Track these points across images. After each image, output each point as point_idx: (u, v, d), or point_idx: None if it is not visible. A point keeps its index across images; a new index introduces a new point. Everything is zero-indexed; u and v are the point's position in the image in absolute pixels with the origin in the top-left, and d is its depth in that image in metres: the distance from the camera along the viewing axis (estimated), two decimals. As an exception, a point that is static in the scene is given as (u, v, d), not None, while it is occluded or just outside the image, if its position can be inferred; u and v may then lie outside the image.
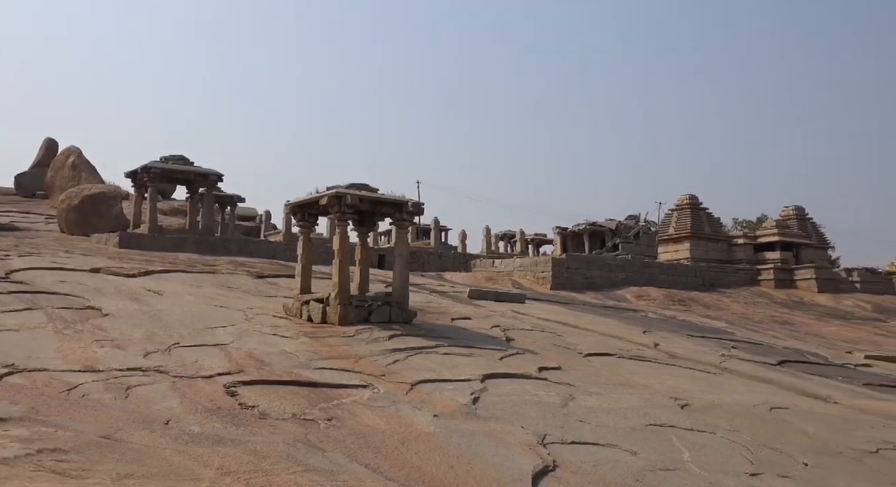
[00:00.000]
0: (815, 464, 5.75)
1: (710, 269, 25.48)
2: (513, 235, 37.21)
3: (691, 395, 7.82)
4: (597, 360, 9.57)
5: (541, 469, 4.69)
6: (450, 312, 12.46)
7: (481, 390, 6.87)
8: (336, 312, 9.96)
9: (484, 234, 34.08)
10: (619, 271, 22.44)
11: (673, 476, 5.02)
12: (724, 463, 5.48)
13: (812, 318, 19.00)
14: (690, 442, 5.93)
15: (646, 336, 12.38)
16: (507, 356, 8.91)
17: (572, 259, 22.03)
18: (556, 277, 20.57)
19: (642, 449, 5.53)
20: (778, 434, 6.58)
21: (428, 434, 5.18)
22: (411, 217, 11.03)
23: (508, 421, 5.87)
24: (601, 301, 18.40)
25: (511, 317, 12.79)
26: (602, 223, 27.81)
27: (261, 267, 16.50)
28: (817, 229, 31.63)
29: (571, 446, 5.41)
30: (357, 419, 5.39)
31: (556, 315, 13.93)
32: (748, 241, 28.68)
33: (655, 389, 8.00)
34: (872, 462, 6.05)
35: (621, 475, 4.86)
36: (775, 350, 12.59)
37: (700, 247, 27.77)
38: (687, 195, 29.28)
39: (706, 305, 19.71)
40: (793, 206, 31.42)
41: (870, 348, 14.04)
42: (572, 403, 6.82)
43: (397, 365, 7.61)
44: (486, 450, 4.98)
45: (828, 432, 6.85)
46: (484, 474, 4.45)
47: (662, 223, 30.99)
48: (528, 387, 7.33)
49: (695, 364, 10.12)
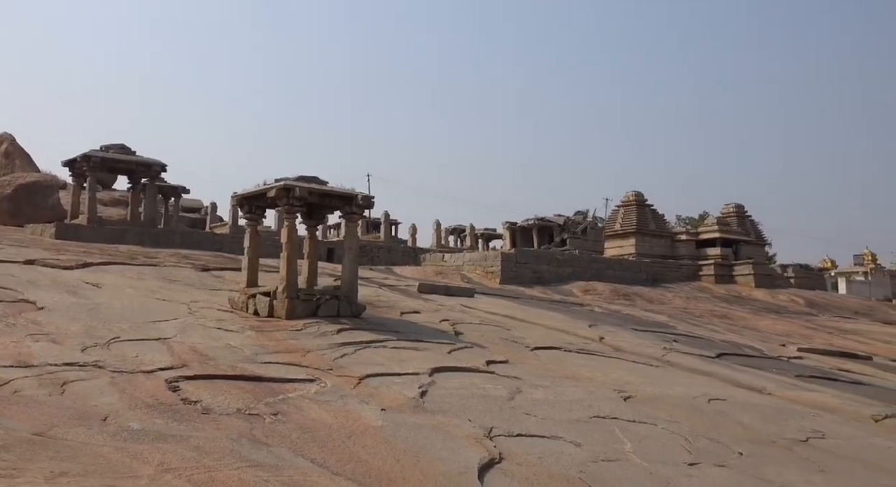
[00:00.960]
0: (749, 453, 5.97)
1: (654, 265, 26.09)
2: (463, 230, 37.34)
3: (634, 388, 8.00)
4: (544, 354, 9.70)
5: (487, 462, 4.74)
6: (399, 306, 12.44)
7: (429, 384, 6.89)
8: (283, 306, 9.83)
9: (434, 229, 34.11)
10: (567, 266, 22.76)
11: (615, 466, 5.14)
12: (663, 454, 5.64)
13: (749, 312, 19.67)
14: (632, 434, 6.08)
15: (591, 330, 12.61)
16: (456, 350, 8.96)
17: (521, 254, 22.25)
18: (505, 272, 20.74)
19: (586, 441, 5.65)
20: (715, 425, 6.80)
21: (375, 428, 5.17)
22: (361, 210, 10.96)
23: (456, 415, 5.90)
24: (549, 295, 18.64)
25: (460, 311, 12.85)
26: (551, 218, 28.17)
27: (206, 259, 16.14)
28: (756, 226, 32.74)
29: (517, 438, 5.48)
30: (303, 413, 5.34)
31: (504, 309, 14.05)
32: (690, 238, 29.49)
33: (600, 382, 8.16)
34: (802, 450, 6.32)
35: (565, 466, 4.95)
36: (714, 343, 12.99)
37: (645, 243, 28.41)
38: (633, 192, 29.90)
39: (650, 300, 20.19)
40: (733, 204, 32.43)
41: (802, 341, 14.63)
42: (519, 396, 6.90)
43: (345, 359, 7.57)
44: (433, 444, 5.00)
45: (762, 422, 7.11)
46: (431, 467, 4.47)
47: (609, 219, 31.60)
48: (475, 381, 7.39)
49: (638, 357, 10.36)
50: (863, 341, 16.20)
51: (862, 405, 8.66)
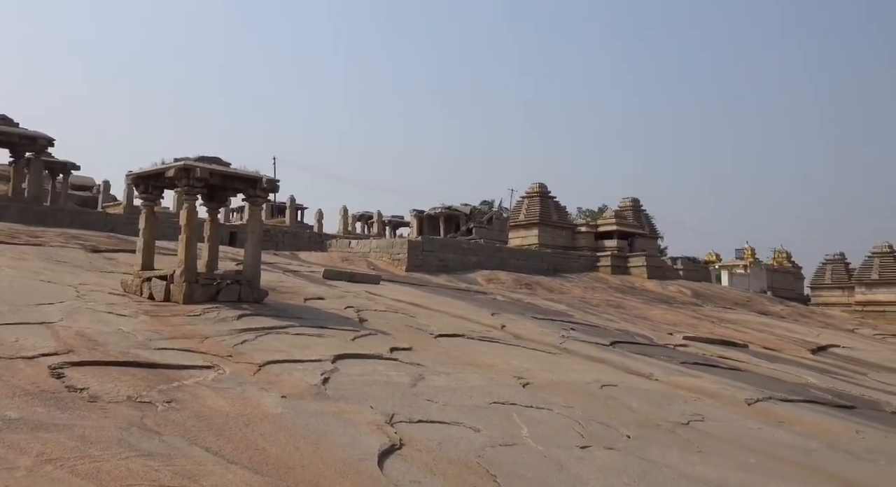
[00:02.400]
0: (636, 436, 6.32)
1: (555, 255, 26.91)
2: (370, 216, 37.11)
3: (533, 374, 8.27)
4: (447, 341, 9.84)
5: (388, 448, 4.78)
6: (303, 292, 12.26)
7: (332, 370, 6.86)
8: (181, 290, 9.47)
9: (341, 214, 33.73)
10: (472, 255, 23.10)
11: (512, 450, 5.32)
12: (558, 438, 5.88)
13: (641, 302, 20.68)
14: (529, 419, 6.30)
15: (494, 318, 12.89)
16: (360, 336, 8.94)
17: (428, 242, 22.38)
18: (411, 259, 20.79)
19: (485, 426, 5.80)
20: (607, 410, 7.15)
21: (275, 416, 5.10)
22: (266, 194, 10.70)
23: (358, 402, 5.91)
24: (454, 283, 18.87)
25: (365, 298, 12.81)
26: (458, 207, 28.49)
27: (97, 240, 15.28)
28: (650, 220, 34.35)
29: (418, 425, 5.55)
30: (199, 401, 5.19)
31: (409, 296, 14.12)
32: (590, 229, 30.59)
33: (500, 369, 8.38)
34: (684, 432, 6.75)
35: (464, 451, 5.07)
36: (609, 331, 13.59)
37: (547, 234, 29.22)
38: (537, 184, 30.63)
39: (550, 289, 20.83)
40: (630, 198, 33.84)
41: (688, 330, 15.55)
42: (421, 383, 6.98)
43: (246, 346, 7.40)
44: (333, 431, 4.99)
45: (649, 406, 7.53)
46: (331, 454, 4.47)
47: (514, 209, 32.26)
48: (379, 368, 7.41)
49: (537, 344, 10.70)
50: (741, 330, 17.40)
51: (737, 390, 9.33)
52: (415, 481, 4.36)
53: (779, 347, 15.19)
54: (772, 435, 7.24)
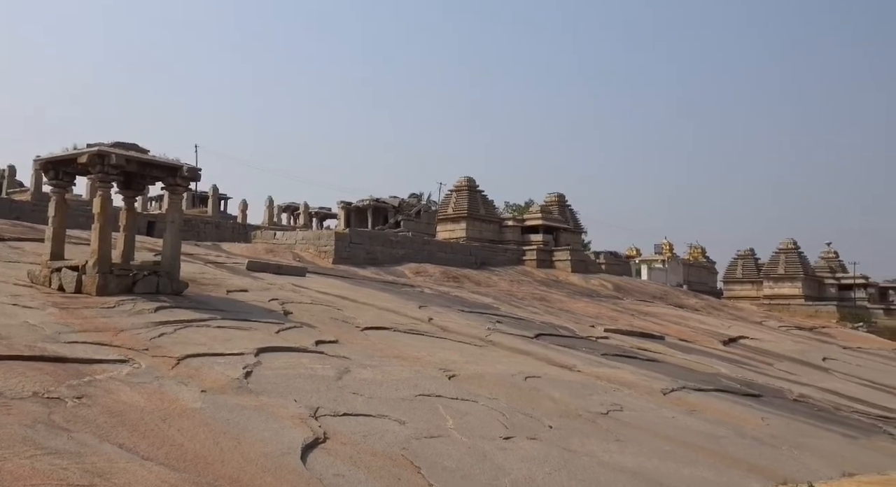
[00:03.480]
0: (558, 426, 6.47)
1: (482, 249, 27.19)
2: (296, 208, 36.46)
3: (458, 367, 8.34)
4: (373, 334, 9.80)
5: (311, 442, 4.72)
6: (226, 284, 11.94)
7: (255, 364, 6.71)
8: (94, 281, 9.05)
9: (266, 205, 33.00)
10: (400, 248, 23.05)
11: (437, 442, 5.35)
12: (482, 429, 5.95)
13: (565, 296, 21.17)
14: (455, 411, 6.35)
15: (421, 310, 12.92)
16: (284, 329, 8.79)
17: (355, 234, 22.19)
18: (338, 251, 20.57)
19: (411, 419, 5.81)
20: (530, 401, 7.29)
21: (193, 410, 4.95)
22: (186, 182, 10.34)
23: (281, 395, 5.81)
24: (381, 276, 18.79)
25: (291, 290, 12.59)
26: (386, 200, 28.34)
27: (1, 228, 14.39)
28: (574, 215, 35.21)
29: (343, 418, 5.51)
30: (113, 396, 4.98)
31: (336, 289, 13.97)
32: (517, 224, 31.06)
33: (427, 361, 8.41)
34: (603, 422, 6.97)
35: (389, 444, 5.07)
36: (533, 324, 13.86)
37: (475, 228, 29.49)
38: (465, 177, 30.85)
39: (477, 282, 21.04)
40: (555, 193, 34.55)
41: (609, 322, 16.03)
42: (347, 376, 6.93)
43: (164, 339, 7.15)
44: (255, 425, 4.88)
45: (570, 397, 7.73)
46: (252, 449, 4.37)
47: (442, 203, 32.39)
48: (303, 361, 7.31)
49: (464, 337, 10.79)
50: (658, 322, 18.08)
51: (654, 380, 9.69)
52: (338, 474, 4.32)
53: (693, 339, 15.87)
54: (685, 423, 7.57)
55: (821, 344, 19.83)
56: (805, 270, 35.67)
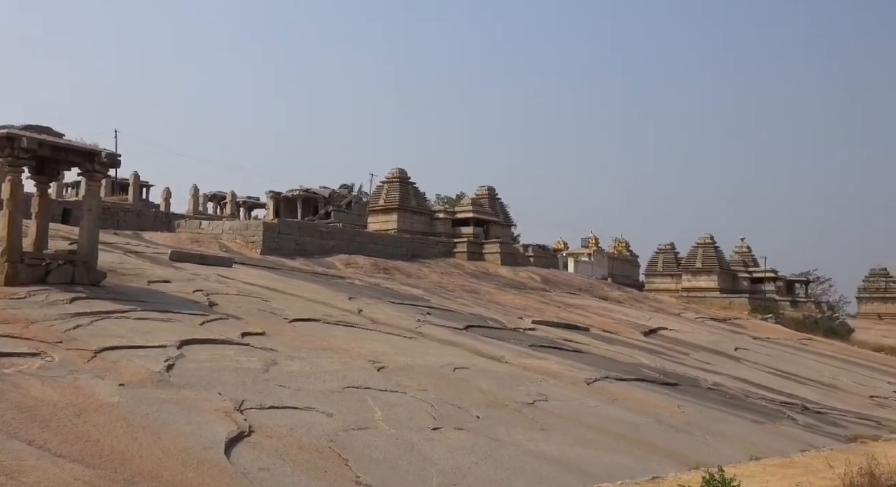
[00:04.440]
0: (485, 416, 6.58)
1: (413, 241, 27.20)
2: (223, 197, 35.45)
3: (388, 358, 8.35)
4: (302, 325, 9.69)
5: (235, 436, 4.64)
6: (147, 274, 11.53)
7: (177, 357, 6.53)
8: (2, 271, 8.58)
9: (191, 194, 31.98)
10: (331, 239, 22.79)
11: (365, 434, 5.35)
12: (411, 420, 5.99)
13: (495, 288, 21.45)
14: (383, 402, 6.36)
15: (351, 302, 12.84)
16: (209, 321, 8.58)
17: (284, 224, 21.80)
18: (266, 242, 20.17)
19: (339, 411, 5.79)
20: (458, 392, 7.38)
21: (110, 405, 4.78)
22: (105, 169, 9.92)
23: (205, 388, 5.68)
24: (311, 267, 18.55)
25: (216, 281, 12.28)
26: (316, 190, 27.94)
27: None
28: (504, 208, 35.62)
29: (270, 411, 5.44)
30: (22, 391, 4.75)
31: (264, 280, 13.72)
32: (448, 216, 31.22)
33: (356, 353, 8.38)
34: (529, 412, 7.13)
35: (316, 436, 5.04)
36: (463, 316, 14.00)
37: (406, 220, 29.46)
38: (397, 169, 30.75)
39: (408, 274, 21.05)
40: (486, 186, 34.85)
41: (536, 314, 16.36)
42: (274, 368, 6.83)
43: (79, 331, 6.86)
44: (177, 419, 4.76)
45: (498, 388, 7.86)
46: (173, 444, 4.26)
47: (374, 194, 32.18)
48: (229, 353, 7.16)
49: (393, 329, 10.80)
50: (584, 314, 18.58)
51: (578, 370, 9.97)
52: (264, 468, 4.27)
53: (616, 330, 16.39)
54: (607, 412, 7.83)
55: (733, 334, 20.85)
56: (721, 264, 37.34)
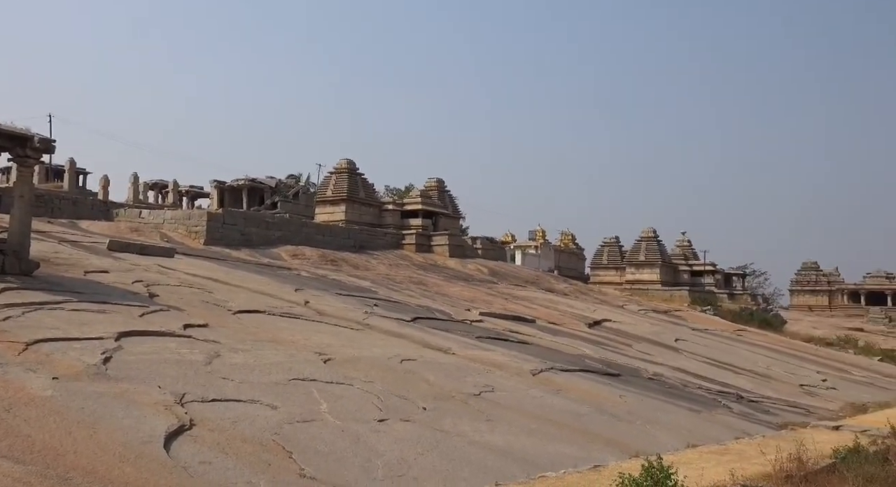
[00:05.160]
0: (432, 408, 6.61)
1: (361, 232, 27.02)
2: (165, 185, 34.48)
3: (335, 350, 8.29)
4: (247, 317, 9.53)
5: (176, 429, 4.54)
6: (83, 264, 11.14)
7: (115, 349, 6.34)
8: (-75, 260, 8.16)
9: (131, 182, 30.96)
10: (277, 229, 22.45)
11: (310, 426, 5.31)
12: (357, 412, 5.97)
13: (442, 280, 21.52)
14: (329, 394, 6.32)
15: (297, 294, 12.69)
16: (150, 313, 8.35)
17: (229, 214, 21.37)
18: (210, 232, 19.73)
19: (283, 403, 5.72)
20: (405, 383, 7.38)
21: (43, 399, 4.61)
22: (38, 154, 9.54)
23: (144, 381, 5.53)
24: (256, 258, 18.24)
25: (157, 272, 11.95)
26: (262, 180, 27.47)
27: None
28: (453, 200, 35.68)
29: (212, 404, 5.34)
30: (-53, 387, 4.54)
31: (207, 271, 13.42)
32: (396, 208, 31.11)
33: (302, 345, 8.30)
34: (475, 403, 7.19)
35: (260, 429, 4.97)
36: (410, 307, 14.00)
37: (355, 211, 29.22)
38: (346, 160, 30.43)
39: (356, 266, 20.91)
40: (435, 179, 34.86)
41: (483, 306, 16.49)
42: (217, 361, 6.70)
43: (9, 323, 6.58)
44: (114, 413, 4.63)
45: (445, 379, 7.90)
46: (109, 438, 4.15)
47: (321, 185, 31.80)
48: (170, 345, 6.99)
49: (340, 320, 10.73)
50: (530, 306, 18.82)
51: (524, 361, 10.11)
52: (205, 462, 4.19)
53: (561, 322, 16.67)
54: (551, 402, 7.97)
55: (674, 326, 21.47)
56: (663, 257, 38.33)
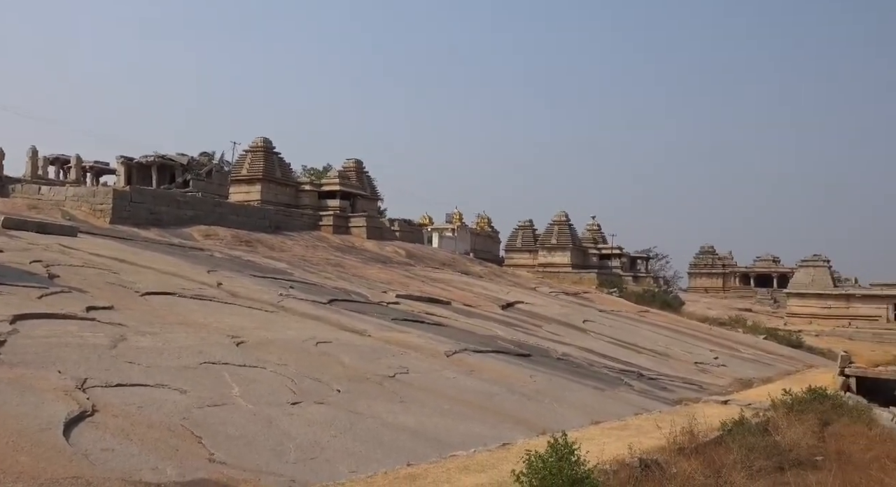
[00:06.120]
0: (346, 390, 6.66)
1: (278, 213, 26.47)
2: (67, 160, 32.51)
3: (248, 333, 8.18)
4: (156, 299, 9.25)
5: (77, 416, 4.41)
6: (-27, 243, 10.47)
7: (10, 333, 6.04)
8: None
9: (29, 156, 29.03)
10: (189, 209, 21.70)
11: (221, 410, 5.26)
12: (270, 395, 5.95)
13: (360, 262, 21.44)
14: (242, 378, 6.26)
15: (210, 275, 12.38)
16: (49, 294, 7.98)
17: (137, 192, 20.46)
18: (117, 211, 18.87)
19: (193, 387, 5.63)
20: (320, 366, 7.39)
21: (-70, 388, 4.37)
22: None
23: (42, 366, 5.32)
24: (167, 238, 17.60)
25: (58, 252, 11.37)
26: (173, 157, 26.39)
27: None
28: (371, 182, 35.47)
29: (117, 389, 5.20)
30: None
31: (113, 251, 12.87)
32: (314, 188, 30.61)
33: (214, 328, 8.14)
34: (390, 384, 7.29)
35: (168, 414, 4.89)
36: (327, 290, 13.91)
37: (271, 191, 28.57)
38: (261, 138, 29.63)
39: (271, 247, 20.52)
40: (353, 159, 34.51)
41: (400, 288, 16.57)
42: (123, 344, 6.50)
43: None
44: (8, 399, 4.44)
45: (360, 361, 7.96)
46: (3, 426, 3.99)
47: (236, 164, 30.84)
48: (71, 328, 6.72)
49: (255, 302, 10.56)
50: (446, 288, 19.05)
51: (439, 343, 10.28)
52: (108, 449, 4.10)
53: (476, 304, 16.98)
54: (464, 383, 8.17)
55: (582, 307, 22.27)
56: (574, 241, 39.55)
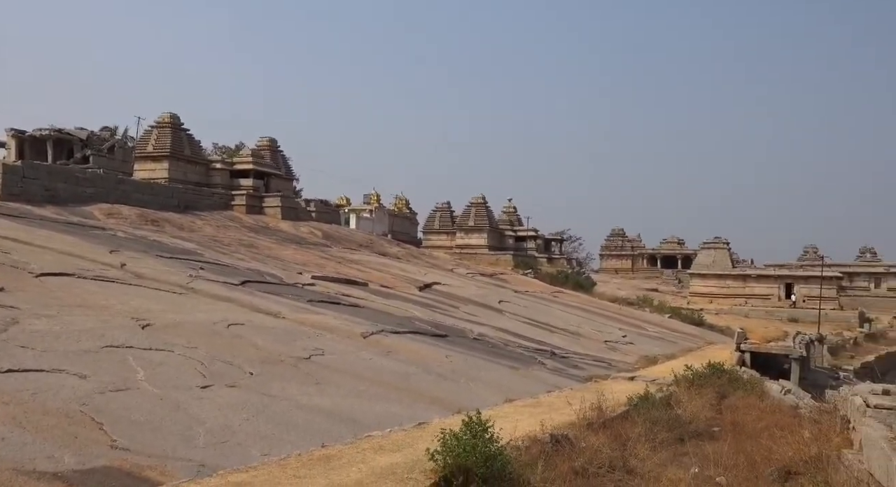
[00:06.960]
0: (259, 373, 6.53)
1: (187, 191, 25.45)
2: (-51, 130, 30.07)
3: (154, 315, 7.87)
4: (52, 281, 8.74)
5: (-36, 405, 4.13)
6: None
7: None
8: None
9: None
10: (89, 186, 20.54)
11: (124, 395, 5.05)
12: (178, 379, 5.75)
13: (274, 243, 20.95)
14: (147, 361, 6.02)
15: (113, 256, 11.79)
16: (-71, 276, 7.39)
17: (30, 167, 19.18)
18: (7, 187, 17.65)
19: (94, 372, 5.38)
20: (232, 348, 7.21)
21: None
22: None
23: (-77, 354, 4.93)
24: (65, 217, 16.60)
25: (-62, 230, 10.54)
26: (71, 131, 24.87)
27: None
28: (286, 161, 34.65)
29: (7, 375, 4.90)
30: None
31: (4, 229, 12.04)
32: (226, 167, 29.59)
33: (117, 310, 7.78)
34: (305, 366, 7.20)
35: (66, 400, 4.65)
36: (239, 271, 13.53)
37: (179, 169, 27.41)
38: (168, 113, 28.32)
39: (180, 227, 19.73)
40: (268, 138, 33.56)
41: (316, 269, 16.32)
42: (15, 328, 6.12)
43: None
44: None
45: (274, 343, 7.81)
46: None
47: (141, 139, 29.38)
48: (-45, 313, 6.26)
49: (162, 284, 10.16)
50: (363, 270, 18.92)
51: (356, 324, 10.22)
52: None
53: (393, 285, 16.97)
54: (380, 364, 8.17)
55: (498, 288, 22.66)
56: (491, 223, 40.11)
